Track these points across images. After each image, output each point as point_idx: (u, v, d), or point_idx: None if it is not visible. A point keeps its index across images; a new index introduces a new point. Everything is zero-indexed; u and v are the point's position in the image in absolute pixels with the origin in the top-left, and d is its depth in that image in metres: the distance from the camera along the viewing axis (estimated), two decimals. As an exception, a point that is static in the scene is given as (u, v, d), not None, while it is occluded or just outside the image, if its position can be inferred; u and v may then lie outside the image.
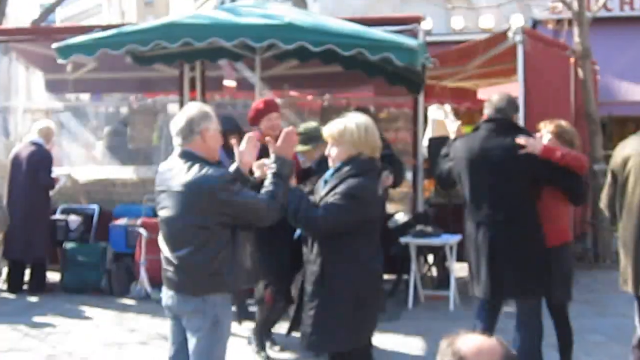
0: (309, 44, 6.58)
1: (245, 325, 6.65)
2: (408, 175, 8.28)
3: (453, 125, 5.64)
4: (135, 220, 8.24)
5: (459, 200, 5.69)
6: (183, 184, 3.73)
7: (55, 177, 8.36)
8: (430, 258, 8.27)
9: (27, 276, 8.30)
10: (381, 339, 5.91)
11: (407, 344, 6.33)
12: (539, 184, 4.96)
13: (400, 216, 7.88)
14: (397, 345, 6.28)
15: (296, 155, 5.34)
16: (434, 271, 8.33)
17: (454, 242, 7.35)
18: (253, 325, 6.13)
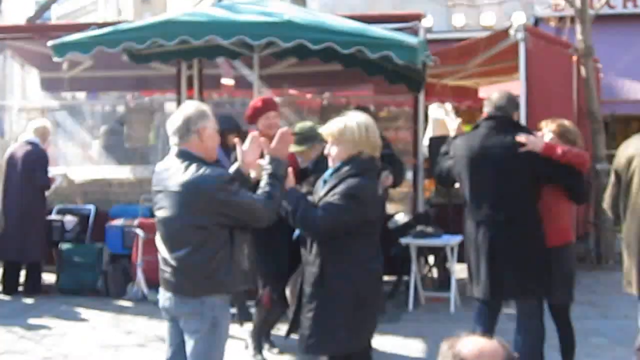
0: (308, 41, 6.58)
1: (246, 327, 6.65)
2: (408, 175, 8.28)
3: (453, 123, 5.65)
4: (132, 220, 8.24)
5: (459, 200, 5.68)
6: (180, 184, 3.73)
7: (51, 177, 8.37)
8: (430, 259, 8.26)
9: (23, 277, 8.29)
10: (381, 341, 5.91)
11: (407, 346, 6.33)
12: (539, 182, 4.95)
13: (400, 216, 7.88)
14: (397, 347, 6.28)
15: (294, 156, 5.33)
16: (435, 272, 8.33)
17: (455, 243, 7.34)
18: (251, 327, 6.13)
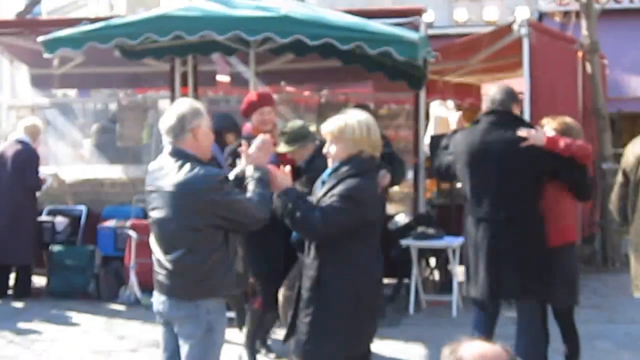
0: (306, 37, 6.58)
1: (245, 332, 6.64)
2: (409, 175, 8.28)
3: (454, 116, 5.62)
4: (125, 221, 8.24)
5: (461, 200, 5.68)
6: (174, 183, 3.74)
7: (42, 178, 8.36)
8: (432, 261, 8.26)
9: (12, 280, 8.29)
10: (381, 346, 5.90)
11: (408, 351, 6.34)
12: (543, 177, 4.92)
13: (401, 217, 7.88)
14: (397, 352, 6.28)
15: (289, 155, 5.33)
16: (436, 275, 8.34)
17: (457, 245, 7.33)
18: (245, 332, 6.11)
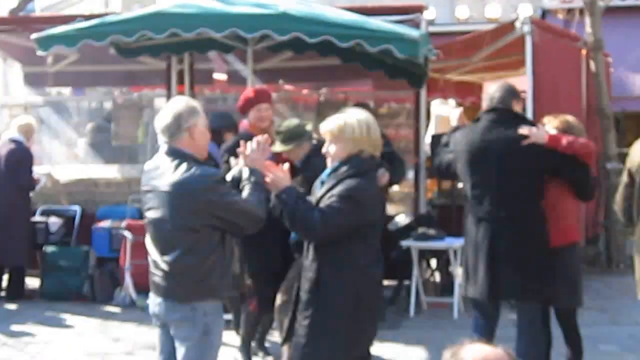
0: (305, 34, 6.58)
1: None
2: (409, 175, 8.28)
3: (455, 112, 5.61)
4: (120, 222, 8.24)
5: (462, 200, 5.68)
6: (170, 183, 3.73)
7: (36, 177, 8.35)
8: (433, 262, 8.26)
9: (5, 282, 8.28)
10: (381, 349, 5.91)
11: (408, 354, 6.34)
12: (545, 174, 4.92)
13: (401, 218, 7.88)
14: (398, 355, 6.28)
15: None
16: (437, 276, 8.33)
17: (458, 246, 7.31)
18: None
